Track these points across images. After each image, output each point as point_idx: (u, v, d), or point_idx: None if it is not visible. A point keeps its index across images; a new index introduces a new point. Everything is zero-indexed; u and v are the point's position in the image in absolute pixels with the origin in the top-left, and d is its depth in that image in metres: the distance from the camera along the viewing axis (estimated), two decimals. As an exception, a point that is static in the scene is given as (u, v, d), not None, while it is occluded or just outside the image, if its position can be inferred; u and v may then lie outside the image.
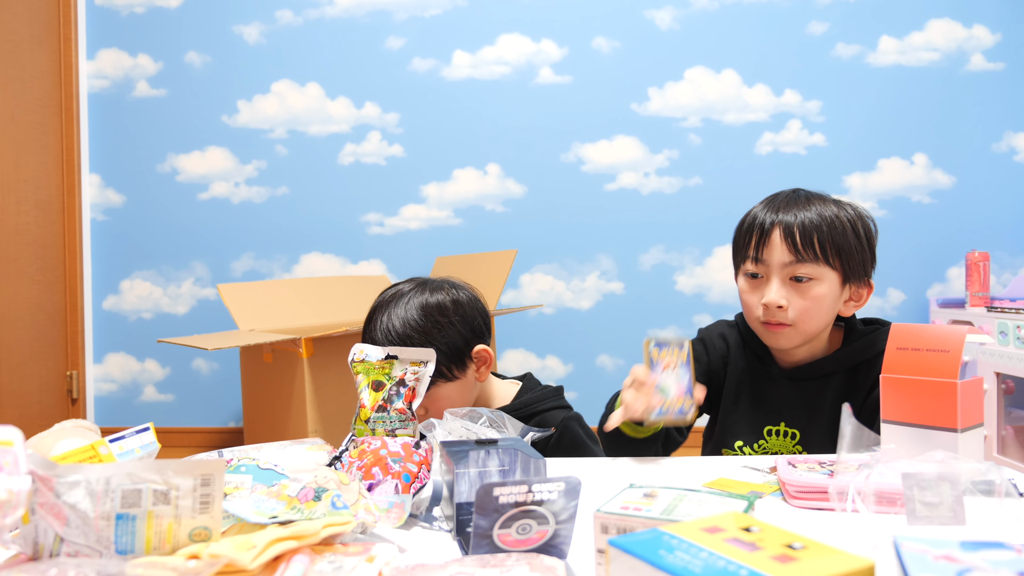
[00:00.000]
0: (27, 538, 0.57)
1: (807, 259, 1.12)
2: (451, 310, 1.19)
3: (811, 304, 1.13)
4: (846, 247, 1.13)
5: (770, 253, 1.13)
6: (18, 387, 2.62)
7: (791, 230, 1.12)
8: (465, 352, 1.18)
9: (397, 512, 0.74)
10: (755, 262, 1.15)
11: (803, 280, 1.13)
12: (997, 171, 2.84)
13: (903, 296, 2.86)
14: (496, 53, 2.92)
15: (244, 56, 2.95)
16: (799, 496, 0.81)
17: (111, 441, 0.76)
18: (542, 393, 1.27)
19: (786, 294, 1.13)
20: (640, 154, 2.90)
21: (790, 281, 1.13)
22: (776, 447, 1.21)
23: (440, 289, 1.21)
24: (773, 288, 1.13)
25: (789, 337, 1.15)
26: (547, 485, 0.58)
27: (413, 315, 1.16)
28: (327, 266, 2.96)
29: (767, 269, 1.14)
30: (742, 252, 1.19)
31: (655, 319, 2.91)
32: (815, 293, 1.13)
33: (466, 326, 1.19)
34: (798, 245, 1.12)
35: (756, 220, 1.17)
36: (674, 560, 0.45)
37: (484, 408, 0.92)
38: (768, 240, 1.14)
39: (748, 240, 1.17)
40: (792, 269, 1.13)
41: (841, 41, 2.86)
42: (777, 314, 1.13)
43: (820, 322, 1.15)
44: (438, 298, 1.19)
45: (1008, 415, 2.36)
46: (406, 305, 1.17)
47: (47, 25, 2.82)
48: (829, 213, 1.14)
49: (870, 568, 0.43)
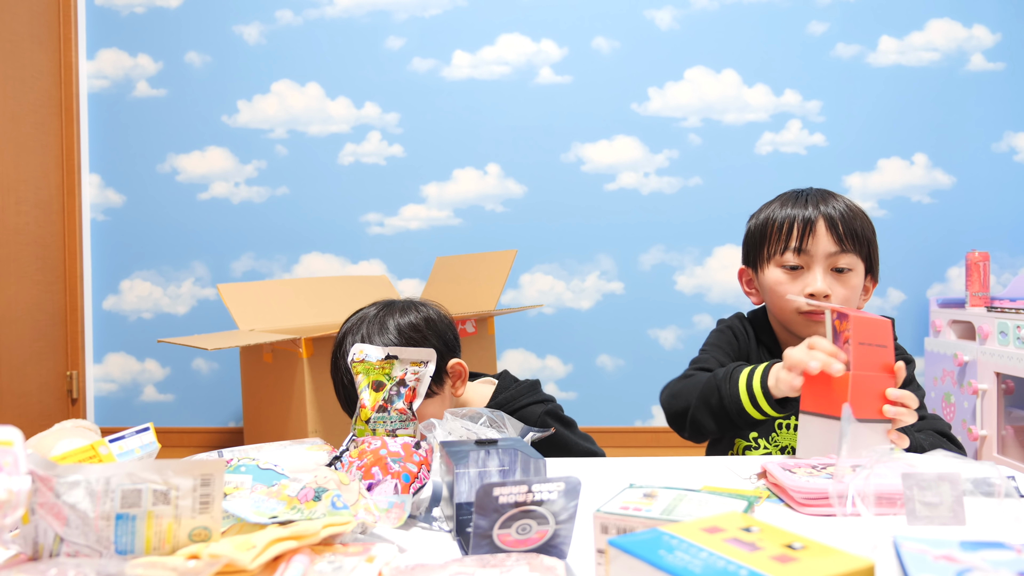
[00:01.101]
0: (27, 538, 0.57)
1: (849, 249, 1.16)
2: (424, 327, 1.19)
3: (851, 293, 1.17)
4: (871, 241, 1.20)
5: (815, 244, 1.16)
6: (18, 387, 2.62)
7: (834, 221, 1.16)
8: (441, 368, 1.18)
9: (397, 512, 0.74)
10: (797, 253, 1.17)
11: (843, 271, 1.17)
12: (997, 171, 2.84)
13: (903, 296, 2.86)
14: (496, 53, 2.92)
15: (244, 56, 2.95)
16: (809, 503, 0.78)
17: (111, 441, 0.76)
18: (517, 390, 1.27)
19: (830, 283, 1.16)
20: (640, 154, 2.90)
21: (831, 271, 1.17)
22: (786, 441, 1.21)
23: (409, 309, 1.20)
24: (818, 277, 1.15)
25: None
26: (547, 485, 0.58)
27: (391, 335, 1.16)
28: (327, 266, 2.96)
29: (810, 260, 1.17)
30: (778, 244, 1.19)
31: (655, 319, 2.91)
32: (853, 283, 1.18)
33: (440, 342, 1.19)
34: (842, 235, 1.16)
35: (792, 213, 1.19)
36: (674, 560, 0.45)
37: (484, 408, 0.92)
38: (814, 231, 1.16)
39: (787, 231, 1.18)
40: (835, 260, 1.16)
41: (841, 41, 2.86)
42: (824, 303, 1.13)
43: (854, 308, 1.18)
44: (409, 319, 1.18)
45: (1008, 415, 2.36)
46: (380, 327, 1.16)
47: (47, 25, 2.82)
48: (854, 206, 1.20)
49: (870, 568, 0.43)
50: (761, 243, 1.23)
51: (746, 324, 1.31)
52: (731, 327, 1.31)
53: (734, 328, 1.30)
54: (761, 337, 1.28)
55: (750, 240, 1.27)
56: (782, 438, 1.22)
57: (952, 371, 2.53)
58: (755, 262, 1.25)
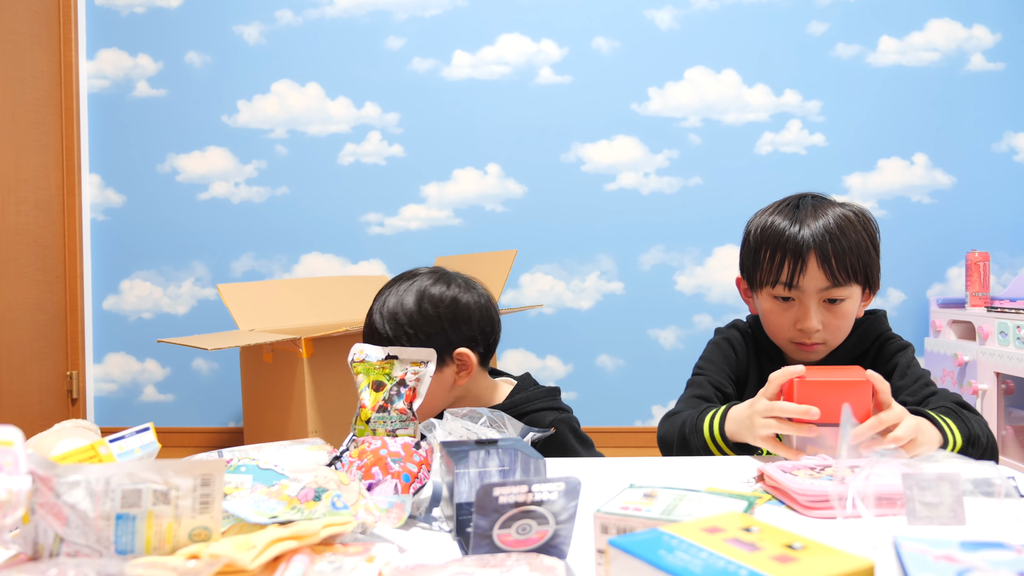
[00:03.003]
0: (27, 538, 0.57)
1: (842, 282, 1.12)
2: (446, 305, 1.19)
3: (843, 322, 1.16)
4: (871, 265, 1.15)
5: (807, 280, 1.12)
6: (18, 387, 2.62)
7: (827, 255, 1.11)
8: (447, 351, 1.18)
9: (397, 512, 0.74)
10: (788, 287, 1.13)
11: (836, 301, 1.14)
12: (997, 171, 2.84)
13: (903, 296, 2.86)
14: (496, 53, 2.92)
15: (244, 56, 2.95)
16: (813, 506, 0.77)
17: (111, 441, 0.76)
18: (533, 393, 1.25)
19: (822, 317, 1.13)
20: (640, 154, 2.90)
21: (824, 303, 1.14)
22: None
23: (452, 283, 1.21)
24: (811, 314, 1.13)
25: (820, 353, 1.18)
26: (547, 485, 0.58)
27: (409, 299, 1.18)
28: (327, 266, 2.96)
29: (801, 294, 1.13)
30: (769, 275, 1.15)
31: (655, 319, 2.91)
32: (846, 311, 1.15)
33: (456, 327, 1.19)
34: (835, 271, 1.11)
35: (784, 241, 1.13)
36: (674, 560, 0.45)
37: (484, 408, 0.92)
38: (805, 267, 1.12)
39: (778, 263, 1.13)
40: (827, 293, 1.13)
41: (841, 41, 2.86)
42: (814, 336, 1.14)
43: (847, 334, 1.18)
44: (440, 290, 1.20)
45: (1008, 415, 2.36)
46: (408, 288, 1.20)
47: (47, 25, 2.82)
48: (854, 234, 1.13)
49: (870, 568, 0.43)
50: (754, 267, 1.19)
51: (745, 332, 1.29)
52: (729, 339, 1.29)
53: (732, 339, 1.29)
54: (761, 342, 1.27)
55: (745, 256, 1.23)
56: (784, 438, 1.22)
57: (952, 371, 2.53)
58: (749, 281, 1.23)
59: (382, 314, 1.19)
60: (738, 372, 1.26)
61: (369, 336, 1.22)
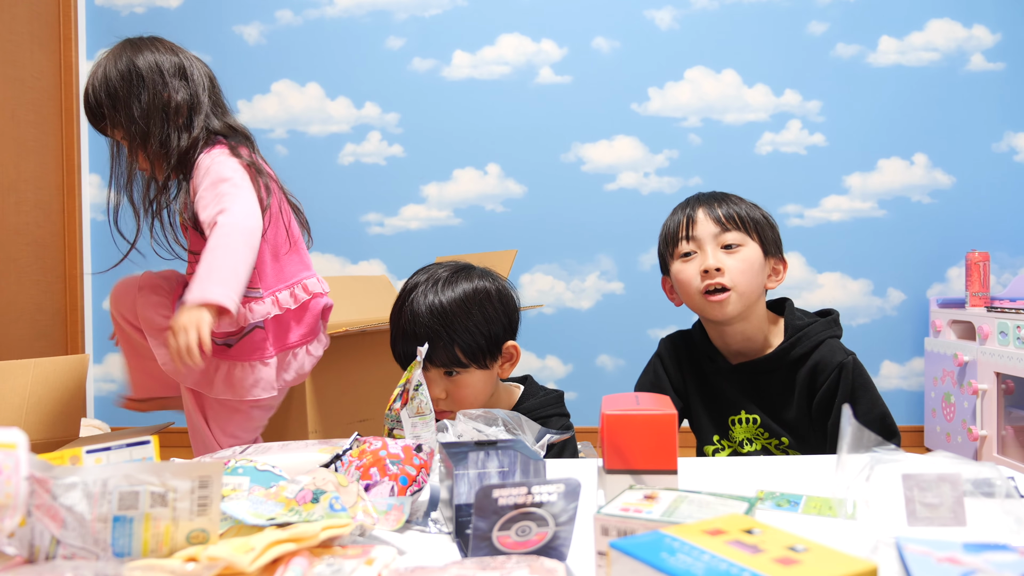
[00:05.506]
0: (23, 540, 0.56)
1: (731, 228, 1.26)
2: (496, 299, 1.19)
3: (744, 265, 1.25)
4: (760, 221, 1.29)
5: (698, 228, 1.28)
6: (17, 387, 2.62)
7: (712, 207, 1.28)
8: (500, 343, 1.18)
9: (396, 514, 0.74)
10: (687, 240, 1.28)
11: (732, 247, 1.26)
12: (997, 171, 2.84)
13: (903, 296, 2.86)
14: (496, 53, 2.92)
15: (244, 56, 2.95)
16: None
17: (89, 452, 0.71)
18: (544, 399, 1.28)
19: (721, 259, 1.25)
20: (640, 154, 2.90)
21: (721, 250, 1.26)
22: (742, 434, 1.30)
23: (485, 276, 1.21)
24: (710, 254, 1.25)
25: (732, 303, 1.24)
26: (547, 487, 0.58)
27: (459, 296, 1.16)
28: (327, 266, 2.96)
29: (699, 243, 1.27)
30: (671, 244, 1.32)
31: (655, 319, 2.91)
32: (744, 255, 1.26)
33: (505, 318, 1.20)
34: (721, 218, 1.27)
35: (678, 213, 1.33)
36: (676, 563, 0.45)
37: (500, 410, 0.92)
38: (695, 219, 1.29)
39: (675, 229, 1.31)
40: (721, 238, 1.26)
41: (841, 41, 2.86)
42: (716, 276, 1.24)
43: (754, 285, 1.25)
44: (484, 284, 1.19)
45: (1008, 415, 2.36)
46: (452, 286, 1.17)
47: (47, 25, 2.81)
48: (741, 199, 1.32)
49: (873, 570, 0.43)
50: (663, 249, 1.35)
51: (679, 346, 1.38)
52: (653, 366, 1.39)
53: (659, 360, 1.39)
54: (700, 345, 1.35)
55: (659, 251, 1.38)
56: (736, 433, 1.31)
57: (952, 371, 2.53)
58: (665, 268, 1.36)
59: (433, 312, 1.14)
60: (674, 384, 1.36)
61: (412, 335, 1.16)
